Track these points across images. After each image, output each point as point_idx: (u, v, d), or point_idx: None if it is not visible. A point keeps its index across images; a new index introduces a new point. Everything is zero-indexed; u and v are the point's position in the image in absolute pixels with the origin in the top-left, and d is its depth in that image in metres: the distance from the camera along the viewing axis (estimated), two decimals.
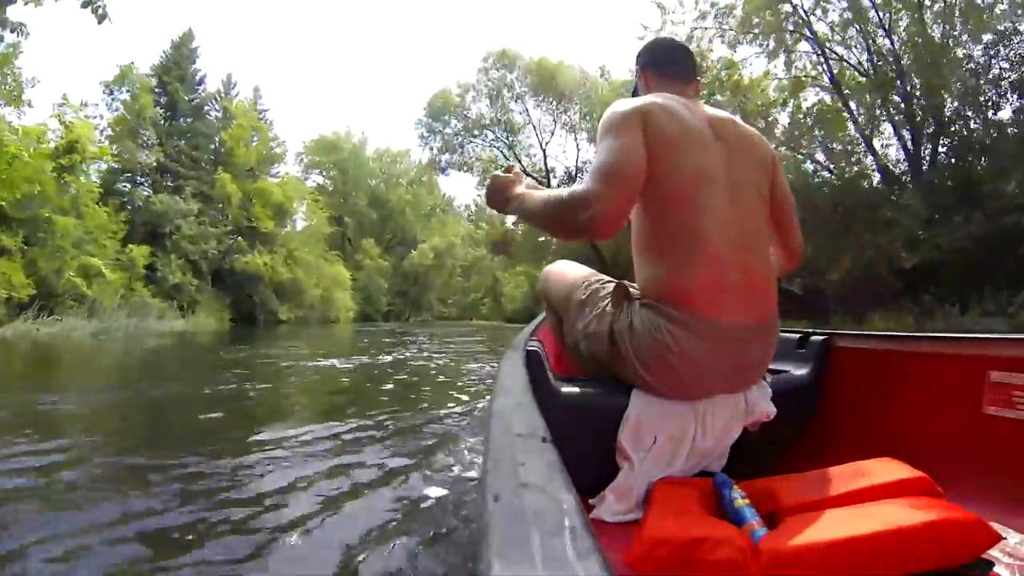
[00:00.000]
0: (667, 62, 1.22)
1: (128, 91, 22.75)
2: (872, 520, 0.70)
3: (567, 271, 1.32)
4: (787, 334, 1.39)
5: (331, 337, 13.71)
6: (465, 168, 29.98)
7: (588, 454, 1.02)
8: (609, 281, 1.20)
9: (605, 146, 1.00)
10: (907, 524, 0.68)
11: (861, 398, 1.29)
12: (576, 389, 1.11)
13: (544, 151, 29.28)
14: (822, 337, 1.38)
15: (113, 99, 22.89)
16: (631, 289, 1.10)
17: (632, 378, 1.06)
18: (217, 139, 26.13)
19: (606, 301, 1.12)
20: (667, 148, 1.00)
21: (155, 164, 23.00)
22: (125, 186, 21.97)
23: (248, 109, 28.04)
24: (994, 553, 0.74)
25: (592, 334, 1.12)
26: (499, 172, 1.20)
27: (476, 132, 29.25)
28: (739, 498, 0.81)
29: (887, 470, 0.84)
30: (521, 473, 0.40)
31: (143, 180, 23.05)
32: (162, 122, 24.06)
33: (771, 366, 1.13)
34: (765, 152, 1.14)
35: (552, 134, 29.20)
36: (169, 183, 23.18)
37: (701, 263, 0.98)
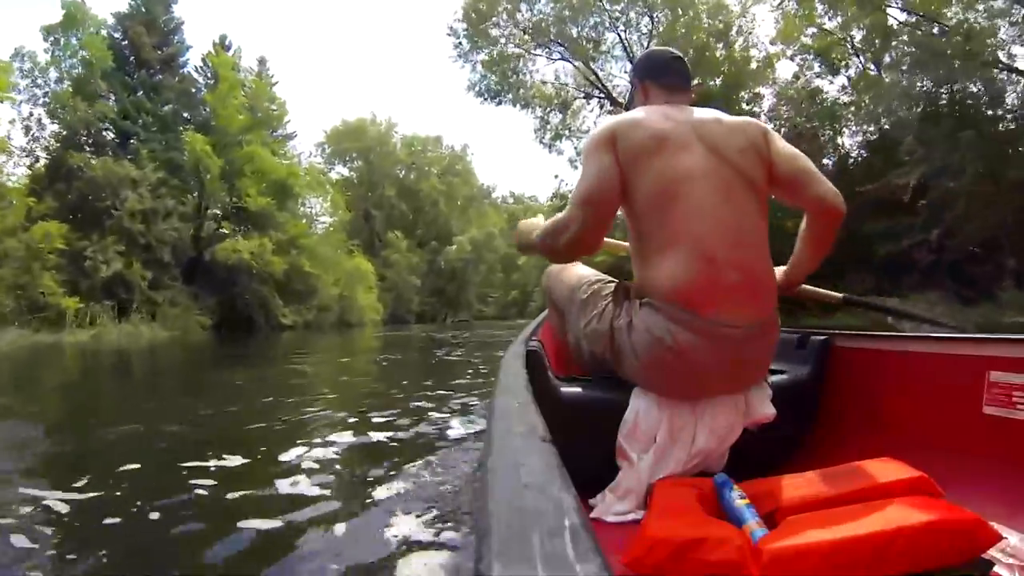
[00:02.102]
0: (664, 73, 1.24)
1: (76, 37, 18.04)
2: (872, 520, 0.69)
3: (569, 271, 1.33)
4: (787, 334, 1.39)
5: (336, 355, 9.20)
6: (521, 103, 20.05)
7: (588, 454, 1.02)
8: (611, 281, 1.20)
9: (582, 173, 1.09)
10: (907, 524, 0.68)
11: (861, 398, 1.29)
12: (576, 389, 1.11)
13: None
14: (822, 337, 1.38)
15: (55, 47, 18.08)
16: (631, 289, 1.11)
17: (632, 377, 1.06)
18: (206, 110, 21.15)
19: (607, 300, 1.13)
20: (641, 158, 1.05)
21: (103, 121, 17.73)
22: (70, 150, 16.54)
23: (234, 63, 22.30)
24: (994, 553, 0.74)
25: (593, 333, 1.12)
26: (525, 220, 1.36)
27: (539, 43, 19.15)
28: (739, 498, 0.81)
29: (887, 470, 0.83)
30: (521, 473, 0.40)
31: (88, 141, 17.55)
32: (125, 77, 19.03)
33: (771, 366, 1.13)
34: (754, 134, 1.13)
35: (647, 46, 17.59)
36: (128, 147, 17.77)
37: (697, 262, 0.99)
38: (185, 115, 21.41)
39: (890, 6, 14.47)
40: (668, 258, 1.01)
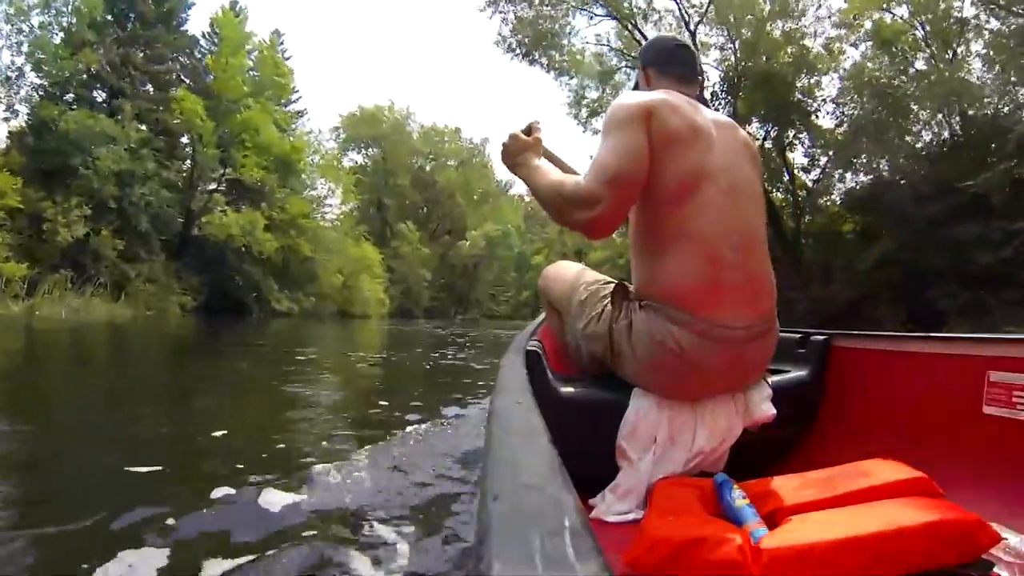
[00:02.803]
0: (670, 61, 1.22)
1: None
2: (872, 520, 0.70)
3: (567, 271, 1.32)
4: (787, 334, 1.39)
5: (323, 349, 7.79)
6: (556, 69, 17.27)
7: (588, 454, 1.02)
8: (609, 282, 1.20)
9: (608, 145, 1.01)
10: (907, 524, 0.68)
11: (861, 398, 1.29)
12: (576, 389, 1.11)
13: (694, 38, 15.03)
14: (822, 337, 1.38)
15: None
16: (630, 290, 1.11)
17: (632, 378, 1.06)
18: (210, 76, 19.43)
19: (606, 301, 1.13)
20: (672, 146, 1.01)
21: (87, 74, 15.98)
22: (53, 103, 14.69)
23: (240, 23, 20.26)
24: (994, 553, 0.74)
25: (592, 334, 1.12)
26: (520, 132, 1.25)
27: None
28: (739, 498, 0.81)
29: (887, 470, 0.84)
30: (521, 473, 0.40)
31: (71, 95, 16.00)
32: (118, 29, 17.01)
33: (771, 366, 1.13)
34: (759, 164, 1.17)
35: (704, 16, 16.03)
36: (114, 105, 15.99)
37: (700, 263, 0.98)
38: (185, 80, 19.51)
39: None
40: (674, 256, 1.00)
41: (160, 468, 1.91)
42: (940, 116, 13.61)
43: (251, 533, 1.48)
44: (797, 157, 16.48)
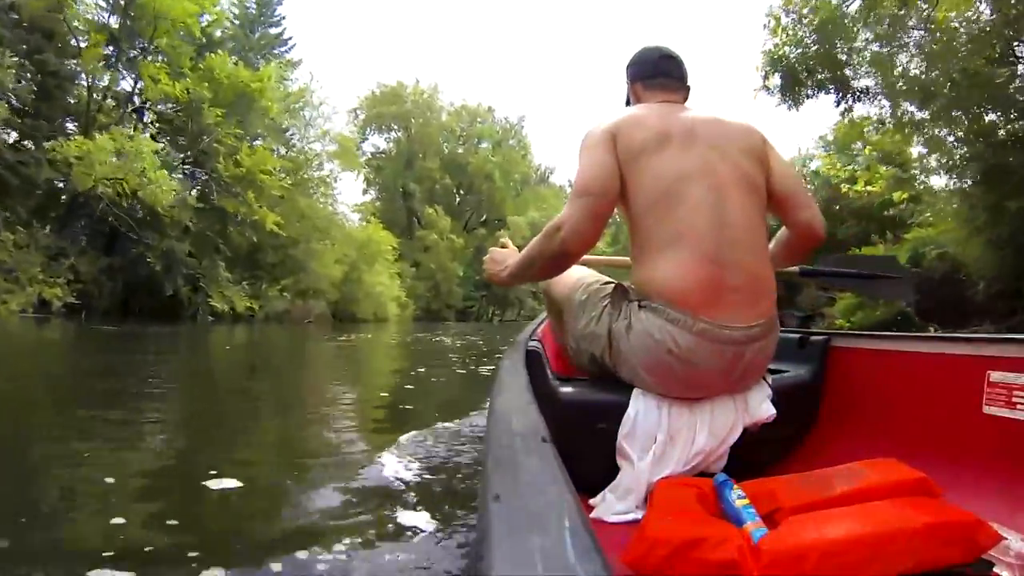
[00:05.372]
0: (653, 74, 1.24)
1: None
2: (872, 520, 0.70)
3: (570, 271, 1.33)
4: (787, 334, 1.39)
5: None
6: None
7: (588, 454, 1.02)
8: (609, 282, 1.20)
9: (578, 168, 1.09)
10: (907, 524, 0.68)
11: (861, 398, 1.29)
12: (576, 389, 1.11)
13: None
14: (822, 337, 1.38)
15: None
16: (630, 290, 1.11)
17: (632, 378, 1.06)
18: None
19: (606, 302, 1.13)
20: (641, 156, 1.05)
21: None
22: None
23: None
24: (994, 553, 0.74)
25: (591, 334, 1.12)
26: (496, 247, 1.34)
27: None
28: (739, 498, 0.81)
29: (887, 470, 0.84)
30: (521, 473, 0.40)
31: None
32: None
33: (771, 366, 1.13)
34: (753, 139, 1.14)
35: None
36: None
37: (697, 263, 0.99)
38: None
39: None
40: (668, 258, 1.01)
41: None
42: None
43: (250, 535, 1.48)
44: None
